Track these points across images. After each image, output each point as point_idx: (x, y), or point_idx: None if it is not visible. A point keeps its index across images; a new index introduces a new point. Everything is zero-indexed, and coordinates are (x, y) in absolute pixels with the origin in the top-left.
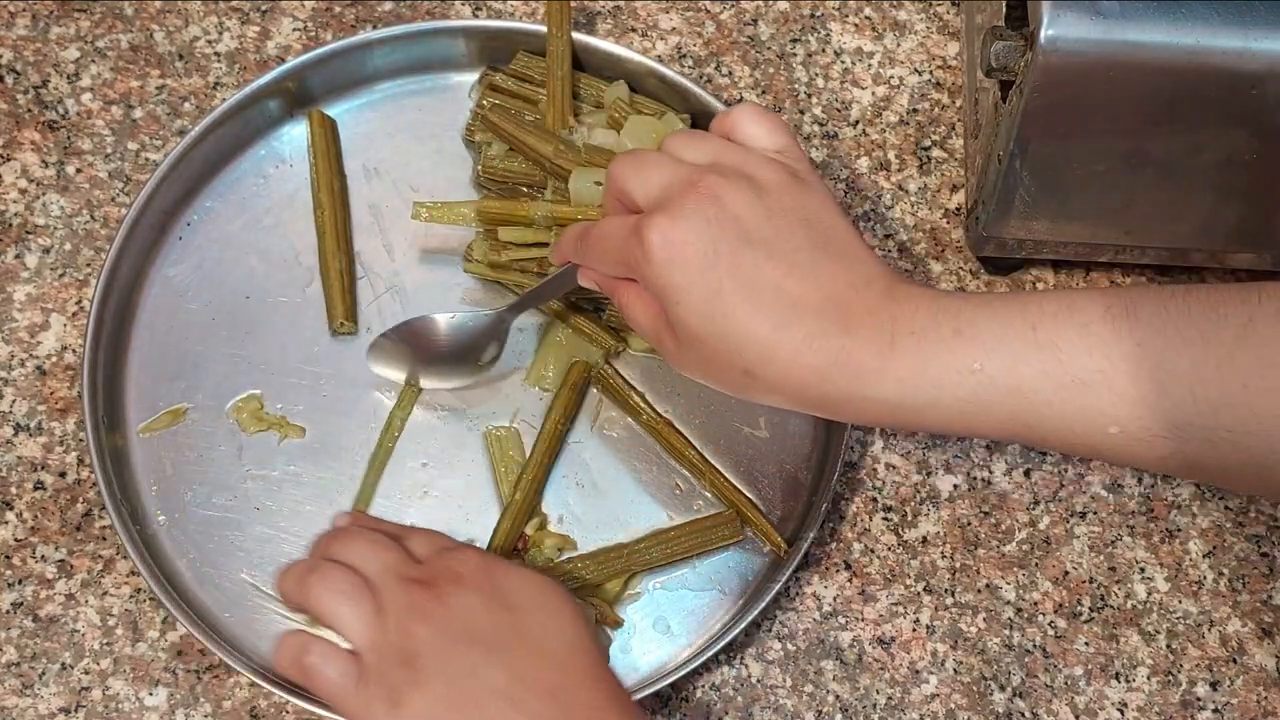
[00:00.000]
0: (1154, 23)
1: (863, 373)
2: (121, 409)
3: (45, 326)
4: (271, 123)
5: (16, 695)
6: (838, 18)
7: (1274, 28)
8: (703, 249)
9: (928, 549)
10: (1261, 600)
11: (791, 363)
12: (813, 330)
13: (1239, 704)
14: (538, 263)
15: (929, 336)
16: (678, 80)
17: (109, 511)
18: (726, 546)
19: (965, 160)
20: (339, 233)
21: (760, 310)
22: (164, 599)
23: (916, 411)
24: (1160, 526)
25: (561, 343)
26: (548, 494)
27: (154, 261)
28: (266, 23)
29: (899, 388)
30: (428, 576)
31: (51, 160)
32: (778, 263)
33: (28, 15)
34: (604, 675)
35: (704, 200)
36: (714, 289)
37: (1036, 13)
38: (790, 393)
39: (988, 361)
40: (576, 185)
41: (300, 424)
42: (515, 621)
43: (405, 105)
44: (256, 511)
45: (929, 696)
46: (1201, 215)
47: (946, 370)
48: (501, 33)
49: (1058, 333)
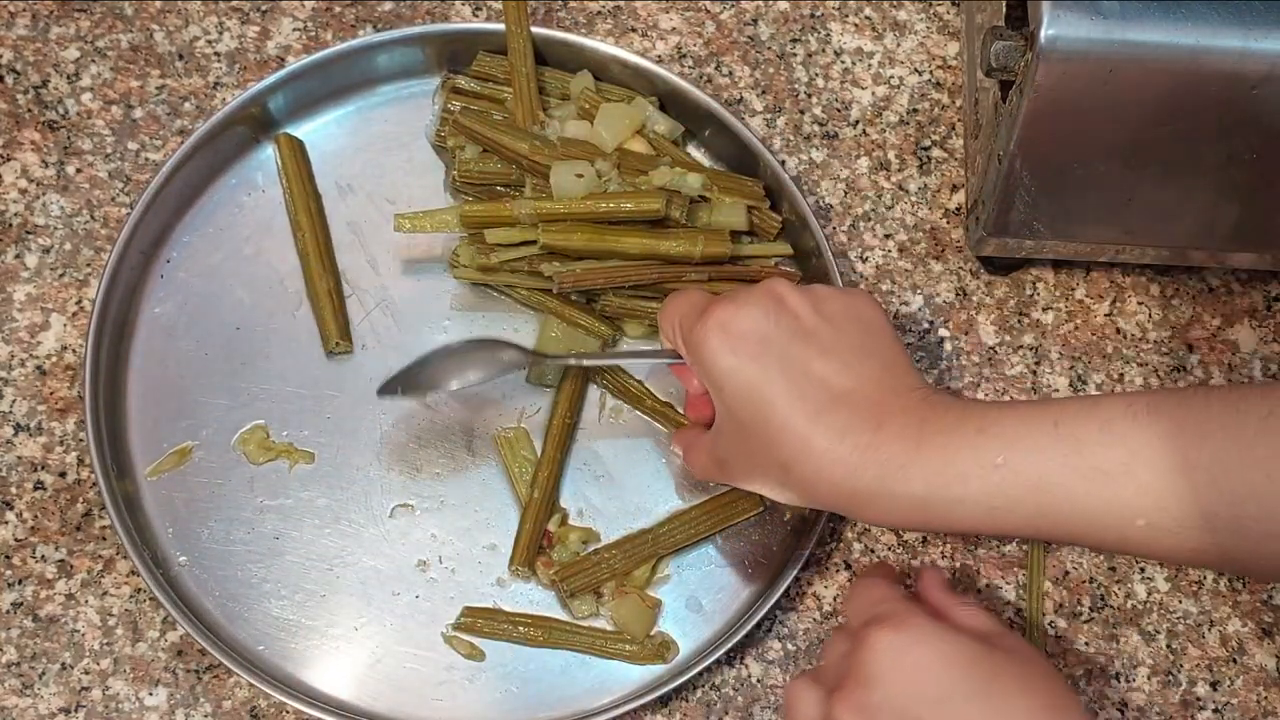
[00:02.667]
0: (1154, 23)
1: (890, 469)
2: (127, 454)
3: (45, 326)
4: (239, 150)
5: (16, 695)
6: (838, 18)
7: (1274, 28)
8: (758, 336)
9: (928, 549)
10: (1261, 600)
11: (825, 455)
12: (847, 424)
13: (1239, 704)
14: (528, 261)
15: (954, 435)
16: (641, 64)
17: (133, 560)
18: (748, 520)
19: (965, 160)
20: (322, 254)
21: (802, 400)
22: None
23: (944, 508)
24: None
25: (558, 337)
26: (565, 489)
27: (139, 303)
28: (266, 23)
29: (925, 484)
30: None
31: (51, 160)
32: (827, 359)
33: (28, 15)
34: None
35: (766, 296)
36: (761, 376)
37: (1036, 13)
38: (824, 489)
39: (1011, 455)
40: (558, 178)
41: (309, 449)
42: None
43: (371, 118)
44: (276, 541)
45: None
46: (1201, 215)
47: (971, 465)
48: (460, 35)
49: (1079, 427)
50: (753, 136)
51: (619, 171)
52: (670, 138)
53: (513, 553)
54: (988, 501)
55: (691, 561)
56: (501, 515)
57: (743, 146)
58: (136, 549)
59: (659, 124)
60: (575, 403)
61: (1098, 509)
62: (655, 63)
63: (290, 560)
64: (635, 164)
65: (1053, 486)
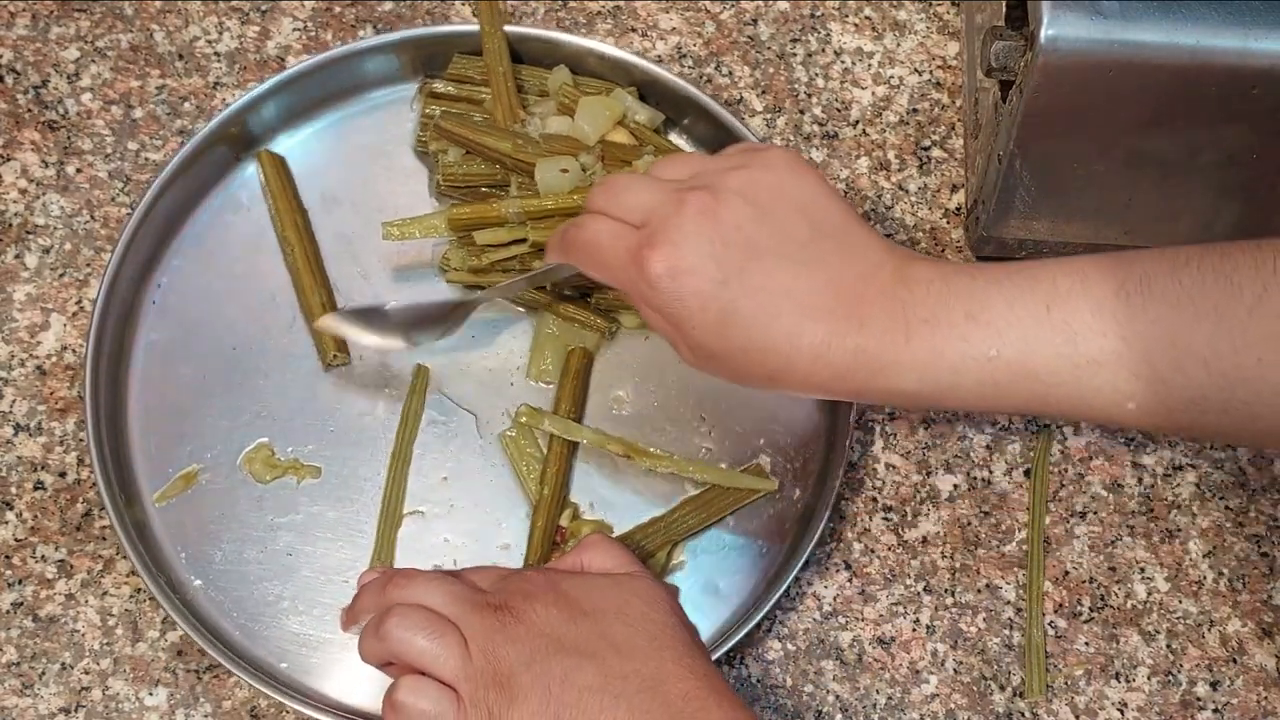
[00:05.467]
0: (1154, 23)
1: (881, 368)
2: (134, 482)
3: (45, 326)
4: (221, 170)
5: (16, 695)
6: (838, 18)
7: (1274, 28)
8: (710, 273)
9: (928, 549)
10: (1261, 600)
11: (811, 368)
12: (829, 333)
13: (1239, 704)
14: (519, 259)
15: (941, 323)
16: (616, 54)
17: (151, 590)
18: (759, 498)
19: (965, 160)
20: (312, 267)
21: (776, 320)
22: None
23: (937, 397)
24: (1160, 526)
25: (554, 334)
26: (574, 483)
27: (134, 331)
28: (266, 23)
29: (918, 378)
30: (500, 600)
31: (51, 160)
32: (785, 265)
33: (28, 15)
34: (697, 662)
35: (700, 219)
36: (727, 310)
37: (1036, 13)
38: (815, 391)
39: (1003, 347)
40: (543, 175)
41: (315, 463)
42: (597, 625)
43: (350, 128)
44: (290, 558)
45: (929, 696)
46: (1201, 215)
47: (962, 358)
48: (434, 39)
49: (1071, 314)
50: (733, 119)
51: (603, 164)
52: (651, 126)
53: (527, 551)
54: (979, 390)
55: (706, 545)
56: (512, 514)
57: (725, 131)
58: (152, 575)
59: (639, 113)
60: (578, 396)
61: (1089, 395)
62: (629, 53)
63: (305, 575)
64: (619, 155)
65: (1044, 376)
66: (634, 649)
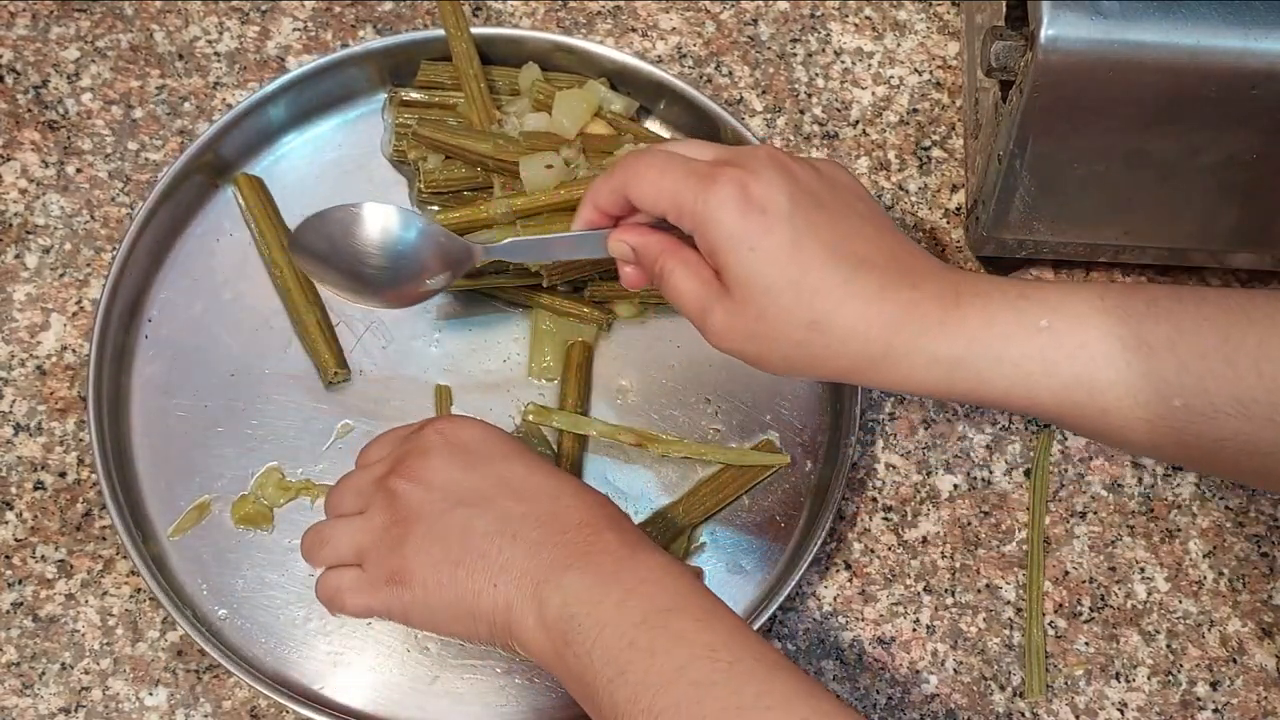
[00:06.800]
0: (1154, 23)
1: (929, 324)
2: (146, 519)
3: (45, 326)
4: (200, 198)
5: (16, 695)
6: (838, 18)
7: (1274, 28)
8: (781, 202)
9: (928, 549)
10: (1261, 600)
11: (863, 312)
12: (883, 281)
13: (1239, 704)
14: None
15: (994, 297)
16: (582, 46)
17: (182, 626)
18: (772, 473)
19: (965, 160)
20: (303, 287)
21: (835, 258)
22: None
23: (978, 369)
24: (1160, 526)
25: (551, 330)
26: (587, 477)
27: (129, 368)
28: (266, 23)
29: (967, 341)
30: (393, 465)
31: (51, 160)
32: (847, 224)
33: (28, 15)
34: (595, 495)
35: (774, 162)
36: (792, 238)
37: (1036, 13)
38: (854, 345)
39: (1055, 319)
40: (529, 172)
41: (326, 482)
42: (491, 470)
43: (325, 145)
44: (312, 579)
45: (929, 696)
46: (1201, 215)
47: (1014, 325)
48: (400, 48)
49: (1125, 301)
50: (709, 101)
51: (585, 156)
52: (627, 114)
53: None
54: (1025, 365)
55: (724, 526)
56: None
57: (700, 113)
58: (179, 609)
59: (614, 103)
60: (582, 390)
61: (1136, 381)
62: (594, 43)
63: None
64: (599, 146)
65: (1096, 355)
66: (532, 489)
